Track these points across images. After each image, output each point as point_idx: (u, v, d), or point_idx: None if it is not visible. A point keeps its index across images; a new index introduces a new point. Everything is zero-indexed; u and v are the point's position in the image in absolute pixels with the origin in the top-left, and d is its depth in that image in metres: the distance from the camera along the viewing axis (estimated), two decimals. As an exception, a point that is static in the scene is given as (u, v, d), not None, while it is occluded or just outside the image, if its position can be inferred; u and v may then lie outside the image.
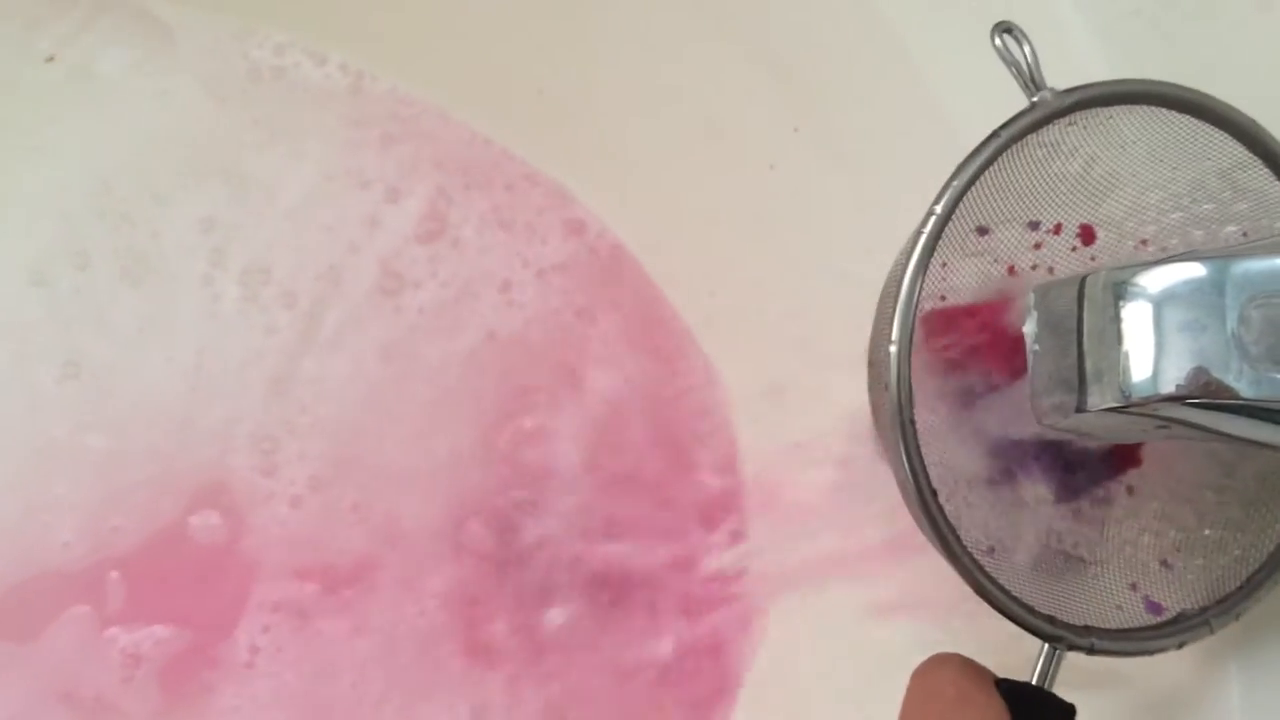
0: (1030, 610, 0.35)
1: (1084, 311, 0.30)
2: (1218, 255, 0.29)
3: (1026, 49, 0.34)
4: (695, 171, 0.49)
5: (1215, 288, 0.28)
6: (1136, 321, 0.29)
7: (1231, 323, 0.28)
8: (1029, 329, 0.32)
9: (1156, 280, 0.29)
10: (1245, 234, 0.36)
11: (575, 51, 0.50)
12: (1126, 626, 0.35)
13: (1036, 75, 0.35)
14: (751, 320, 0.46)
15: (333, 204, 0.52)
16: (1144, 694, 0.40)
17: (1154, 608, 0.36)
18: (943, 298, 0.37)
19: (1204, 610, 0.35)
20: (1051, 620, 0.35)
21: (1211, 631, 0.35)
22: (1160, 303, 0.28)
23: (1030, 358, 0.32)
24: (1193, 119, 0.35)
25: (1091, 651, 0.35)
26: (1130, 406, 0.29)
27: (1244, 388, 0.28)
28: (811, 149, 0.46)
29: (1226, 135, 0.35)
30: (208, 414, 0.50)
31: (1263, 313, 0.28)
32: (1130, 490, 0.37)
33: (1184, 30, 0.38)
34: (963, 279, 0.37)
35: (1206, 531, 0.37)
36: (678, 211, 0.50)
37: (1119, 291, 0.29)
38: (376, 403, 0.51)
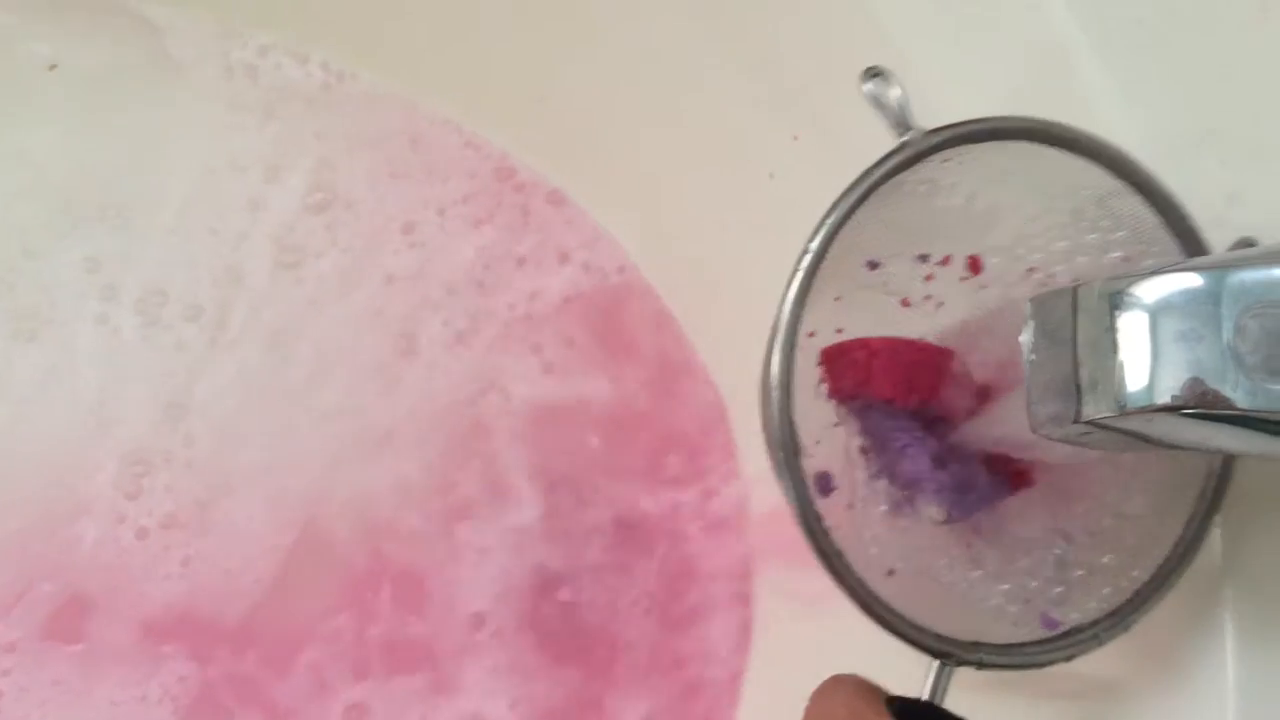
0: (916, 628, 0.36)
1: (1078, 321, 0.30)
2: (1214, 265, 0.29)
3: (895, 90, 0.36)
4: (694, 180, 0.49)
5: (1211, 298, 0.28)
6: (1132, 331, 0.29)
7: (1227, 333, 0.28)
8: (1025, 339, 0.32)
9: (1152, 290, 0.29)
10: (1127, 259, 0.37)
11: (574, 60, 0.50)
12: (1017, 641, 0.37)
13: (906, 115, 0.36)
14: (751, 328, 0.47)
15: (213, 201, 0.51)
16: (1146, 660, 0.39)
17: (1050, 623, 0.37)
18: (839, 330, 0.38)
19: (1095, 624, 0.37)
20: (938, 637, 0.36)
21: (1100, 644, 0.36)
22: (1156, 312, 0.28)
23: (1026, 368, 0.32)
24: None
25: (981, 666, 0.36)
26: (1125, 417, 0.29)
27: (1240, 398, 0.28)
28: (811, 157, 0.46)
29: (1098, 165, 0.36)
30: (103, 449, 0.49)
31: (1259, 323, 0.28)
32: (1027, 507, 0.38)
33: (1185, 38, 0.39)
34: (857, 311, 0.38)
35: (1101, 549, 0.38)
36: (677, 220, 0.50)
37: (1114, 301, 0.29)
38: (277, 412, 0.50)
